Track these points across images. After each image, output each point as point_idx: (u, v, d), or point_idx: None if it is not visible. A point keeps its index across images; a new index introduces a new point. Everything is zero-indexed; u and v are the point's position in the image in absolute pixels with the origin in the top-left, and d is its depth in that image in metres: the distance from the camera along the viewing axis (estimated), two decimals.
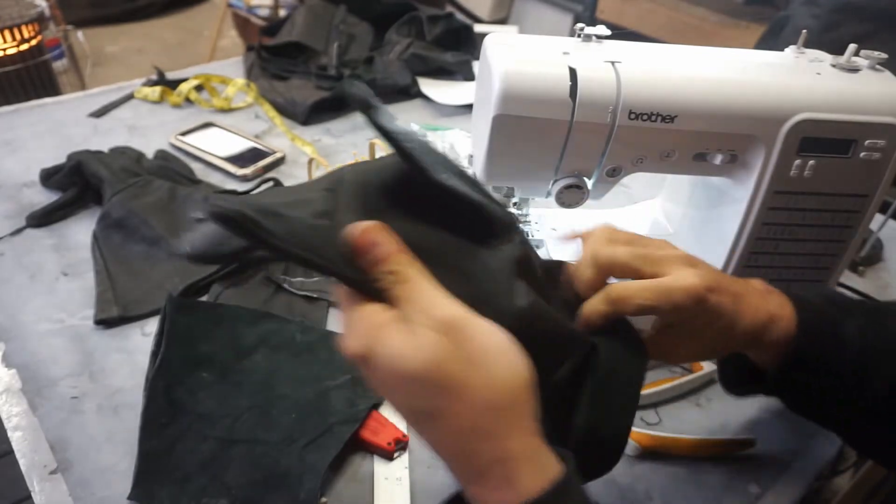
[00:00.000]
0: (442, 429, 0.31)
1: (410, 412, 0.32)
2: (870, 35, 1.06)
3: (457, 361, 0.30)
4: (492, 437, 0.30)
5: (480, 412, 0.30)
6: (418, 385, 0.30)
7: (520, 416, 0.31)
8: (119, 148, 0.89)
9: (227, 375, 0.57)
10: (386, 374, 0.31)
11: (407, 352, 0.30)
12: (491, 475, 0.30)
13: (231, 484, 0.50)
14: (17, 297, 0.67)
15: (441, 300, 0.31)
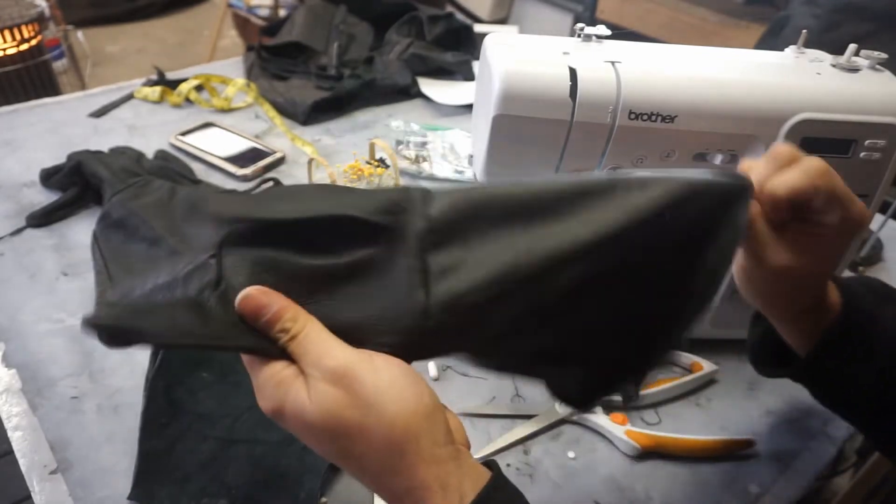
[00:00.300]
0: (354, 468, 0.33)
1: (327, 455, 0.34)
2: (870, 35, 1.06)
3: (350, 408, 0.31)
4: (398, 472, 0.32)
5: (382, 451, 0.32)
6: (322, 434, 0.32)
7: (420, 448, 0.32)
8: (119, 148, 0.88)
9: (227, 375, 0.57)
10: (296, 426, 0.33)
11: (306, 406, 0.32)
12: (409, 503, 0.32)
13: (231, 484, 0.50)
14: (17, 297, 0.67)
15: (331, 349, 0.33)
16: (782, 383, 0.65)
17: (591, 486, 0.53)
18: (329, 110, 1.06)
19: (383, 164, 0.79)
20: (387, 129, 1.02)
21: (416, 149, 0.95)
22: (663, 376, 0.63)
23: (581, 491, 0.53)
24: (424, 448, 0.32)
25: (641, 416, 0.60)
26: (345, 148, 0.98)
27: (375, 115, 1.08)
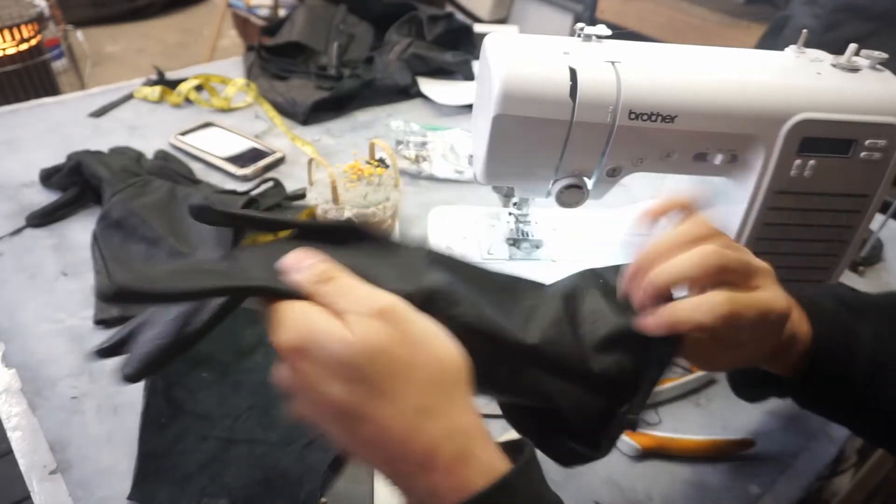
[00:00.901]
0: (384, 414, 0.30)
1: (347, 404, 0.30)
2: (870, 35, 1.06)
3: (400, 343, 0.30)
4: (441, 412, 0.30)
5: (427, 389, 0.30)
6: (359, 371, 0.29)
7: (465, 394, 0.31)
8: (119, 148, 0.88)
9: (227, 375, 0.57)
10: (327, 361, 0.30)
11: (347, 339, 0.30)
12: (441, 454, 0.29)
13: (231, 484, 0.50)
14: (16, 297, 0.67)
15: (372, 290, 0.32)
16: None
17: (591, 486, 0.53)
18: (329, 110, 1.06)
19: (383, 164, 0.79)
20: (387, 129, 1.02)
21: (416, 149, 0.95)
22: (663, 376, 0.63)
23: (581, 491, 0.53)
24: (468, 394, 0.31)
25: (641, 416, 0.60)
26: (345, 148, 0.98)
27: (375, 115, 1.08)
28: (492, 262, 0.64)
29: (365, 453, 0.31)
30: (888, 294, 0.47)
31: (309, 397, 0.31)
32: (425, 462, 0.29)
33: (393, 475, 0.31)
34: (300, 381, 0.31)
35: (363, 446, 0.30)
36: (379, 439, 0.30)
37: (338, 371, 0.30)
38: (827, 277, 0.62)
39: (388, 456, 0.30)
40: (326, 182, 0.75)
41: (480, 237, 0.67)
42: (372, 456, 0.31)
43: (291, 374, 0.32)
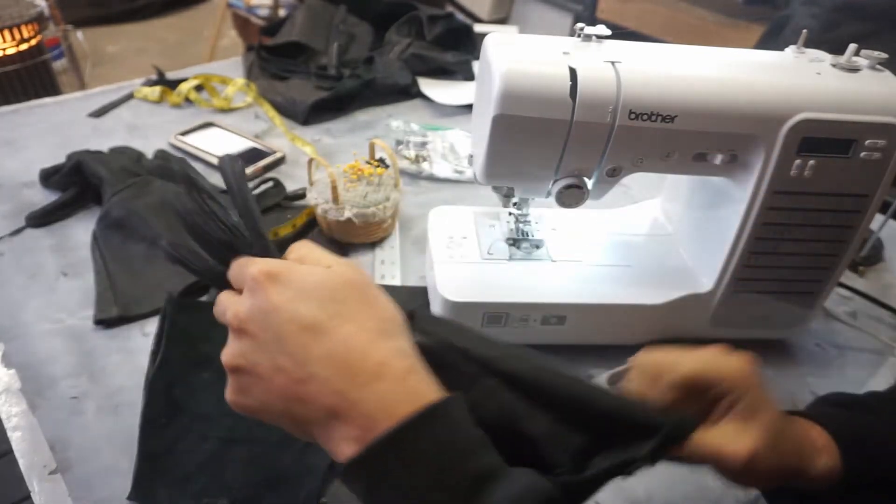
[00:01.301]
0: (347, 329, 0.32)
1: (315, 319, 0.32)
2: (870, 35, 1.06)
3: (368, 284, 0.35)
4: (394, 336, 0.34)
5: (384, 319, 0.34)
6: (337, 292, 0.33)
7: (411, 338, 0.35)
8: (119, 148, 0.88)
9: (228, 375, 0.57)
10: (301, 285, 0.33)
11: (328, 270, 0.34)
12: (394, 365, 0.32)
13: (231, 484, 0.50)
14: (16, 297, 0.67)
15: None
16: (781, 383, 0.65)
17: None
18: (329, 110, 1.06)
19: (383, 164, 0.79)
20: (387, 129, 1.02)
21: (416, 149, 0.95)
22: None
23: None
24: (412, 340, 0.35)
25: None
26: (345, 148, 0.98)
27: (375, 115, 1.08)
28: (492, 261, 0.64)
29: (319, 367, 0.32)
30: (875, 393, 0.48)
31: (264, 321, 0.33)
32: (379, 371, 0.32)
33: (344, 389, 0.31)
34: (258, 307, 0.33)
35: (319, 361, 0.32)
36: (338, 351, 0.32)
37: (311, 293, 0.33)
38: (827, 277, 0.62)
39: (344, 367, 0.32)
40: (326, 182, 0.75)
41: (480, 237, 0.67)
42: (325, 370, 0.32)
43: (249, 301, 0.33)
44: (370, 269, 0.75)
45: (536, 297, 0.61)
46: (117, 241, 0.73)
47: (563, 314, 0.61)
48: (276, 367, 0.32)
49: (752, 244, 0.59)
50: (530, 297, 0.61)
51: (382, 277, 0.73)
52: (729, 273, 0.61)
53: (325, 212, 0.75)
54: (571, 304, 0.61)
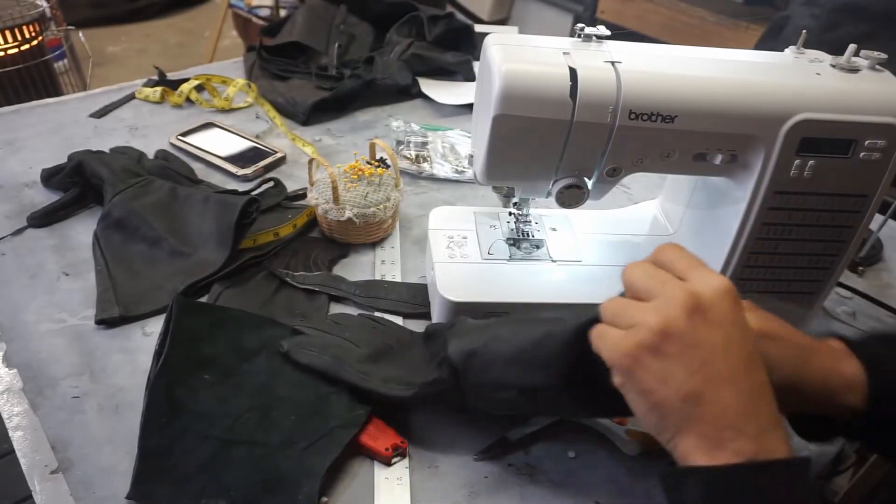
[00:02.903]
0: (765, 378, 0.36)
1: (754, 355, 0.36)
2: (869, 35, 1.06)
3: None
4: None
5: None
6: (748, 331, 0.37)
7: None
8: (120, 148, 0.89)
9: (229, 377, 0.57)
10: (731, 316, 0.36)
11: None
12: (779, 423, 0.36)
13: (230, 485, 0.50)
14: (18, 297, 0.67)
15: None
16: None
17: (591, 486, 0.54)
18: (329, 110, 1.06)
19: (384, 164, 0.79)
20: (387, 129, 1.02)
21: (417, 149, 0.95)
22: None
23: (581, 491, 0.53)
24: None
25: None
26: (345, 148, 0.98)
27: (376, 115, 1.08)
28: (492, 262, 0.64)
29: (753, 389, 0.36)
30: (873, 299, 0.48)
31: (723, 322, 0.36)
32: (780, 419, 0.36)
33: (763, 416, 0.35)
34: (725, 309, 0.36)
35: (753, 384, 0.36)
36: (766, 385, 0.36)
37: (749, 331, 0.37)
38: (827, 277, 0.62)
39: (768, 400, 0.36)
40: (327, 182, 0.75)
41: (480, 237, 0.67)
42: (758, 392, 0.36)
43: (716, 296, 0.36)
44: (370, 269, 0.75)
45: (536, 297, 0.61)
46: (118, 241, 0.73)
47: None
48: (709, 362, 0.35)
49: (752, 244, 0.59)
50: (530, 297, 0.61)
51: (383, 277, 0.73)
52: (729, 273, 0.61)
53: (325, 212, 0.75)
54: (571, 304, 0.61)
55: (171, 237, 0.72)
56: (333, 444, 0.52)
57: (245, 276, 0.71)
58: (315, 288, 0.70)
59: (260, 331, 0.61)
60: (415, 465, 0.54)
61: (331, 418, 0.54)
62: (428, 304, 0.67)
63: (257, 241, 0.74)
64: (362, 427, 0.54)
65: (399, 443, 0.54)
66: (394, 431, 0.55)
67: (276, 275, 0.71)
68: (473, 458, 0.55)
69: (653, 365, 0.36)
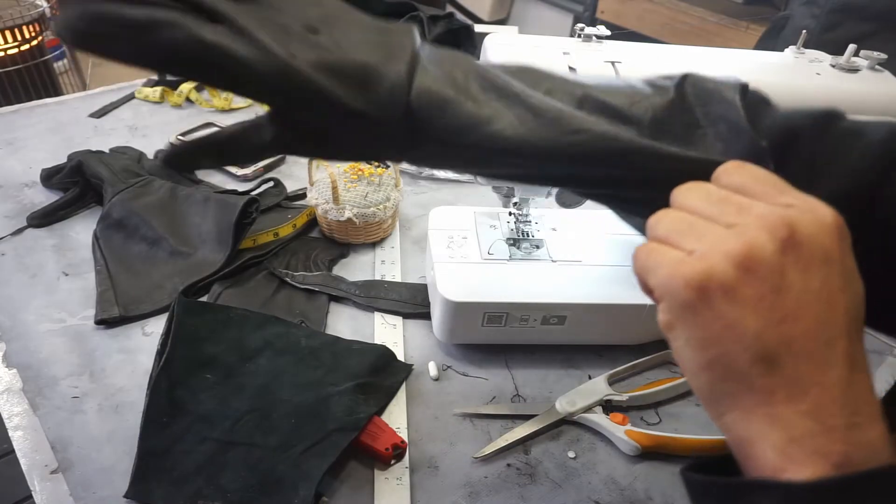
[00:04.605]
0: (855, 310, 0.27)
1: (859, 318, 0.27)
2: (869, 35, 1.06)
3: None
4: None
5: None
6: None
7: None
8: (120, 148, 0.89)
9: (231, 377, 0.57)
10: (844, 253, 0.27)
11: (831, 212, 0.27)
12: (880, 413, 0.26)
13: (227, 487, 0.49)
14: (18, 297, 0.67)
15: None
16: None
17: (591, 486, 0.54)
18: None
19: (383, 164, 0.79)
20: None
21: None
22: (663, 376, 0.63)
23: (581, 491, 0.53)
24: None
25: (641, 416, 0.60)
26: None
27: None
28: (492, 262, 0.64)
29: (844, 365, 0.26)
30: None
31: (827, 269, 0.26)
32: (879, 413, 0.26)
33: (853, 403, 0.26)
34: (835, 252, 0.26)
35: (846, 360, 0.26)
36: (864, 365, 0.27)
37: (861, 287, 0.27)
38: None
39: (864, 385, 0.26)
40: (327, 182, 0.75)
41: (480, 237, 0.67)
42: (849, 372, 0.26)
43: (825, 231, 0.26)
44: (370, 268, 0.75)
45: (536, 297, 0.61)
46: (118, 241, 0.73)
47: (563, 314, 0.61)
48: (798, 315, 0.26)
49: None
50: (530, 297, 0.61)
51: (383, 277, 0.73)
52: None
53: (325, 212, 0.75)
54: (571, 304, 0.61)
55: (171, 237, 0.73)
56: (332, 448, 0.52)
57: (245, 276, 0.71)
58: (315, 288, 0.70)
59: (262, 329, 0.62)
60: (415, 465, 0.54)
61: (330, 421, 0.54)
62: (428, 304, 0.67)
63: (257, 241, 0.74)
64: (361, 430, 0.54)
65: (399, 443, 0.54)
66: (394, 431, 0.55)
67: (276, 275, 0.71)
68: (473, 459, 0.55)
69: (722, 306, 0.26)
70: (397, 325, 0.67)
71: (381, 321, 0.67)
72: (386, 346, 0.63)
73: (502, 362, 0.64)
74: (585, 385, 0.61)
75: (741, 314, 0.26)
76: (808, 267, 0.26)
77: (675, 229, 0.28)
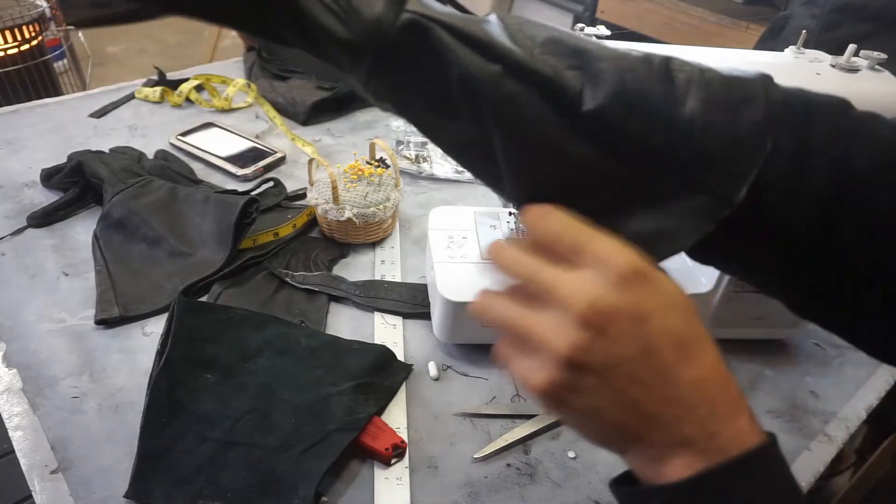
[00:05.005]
0: (712, 355, 0.30)
1: (684, 336, 0.30)
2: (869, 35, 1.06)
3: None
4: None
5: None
6: (692, 310, 0.30)
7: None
8: (120, 148, 0.89)
9: (231, 377, 0.57)
10: (671, 292, 0.30)
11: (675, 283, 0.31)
12: (744, 404, 0.30)
13: (227, 487, 0.49)
14: (18, 297, 0.67)
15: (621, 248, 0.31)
16: (780, 383, 0.65)
17: (591, 486, 0.54)
18: (329, 110, 1.06)
19: (384, 164, 0.79)
20: (387, 129, 1.02)
21: (417, 149, 0.95)
22: None
23: (581, 491, 0.53)
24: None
25: None
26: (345, 148, 0.98)
27: (376, 115, 1.08)
28: None
29: (688, 391, 0.29)
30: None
31: (633, 327, 0.29)
32: (739, 405, 0.30)
33: (706, 420, 0.29)
34: (629, 311, 0.29)
35: (689, 386, 0.29)
36: (708, 378, 0.30)
37: (679, 306, 0.30)
38: None
39: (711, 397, 0.30)
40: (327, 182, 0.75)
41: (480, 237, 0.67)
42: (694, 396, 0.30)
43: (615, 296, 0.29)
44: (370, 269, 0.75)
45: None
46: (118, 241, 0.73)
47: None
48: (634, 379, 0.29)
49: None
50: None
51: (383, 277, 0.73)
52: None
53: (325, 212, 0.75)
54: None
55: (171, 237, 0.73)
56: (332, 448, 0.52)
57: (245, 276, 0.71)
58: (315, 288, 0.70)
59: (263, 329, 0.62)
60: (415, 465, 0.54)
61: (329, 422, 0.54)
62: (428, 304, 0.67)
63: (257, 241, 0.74)
64: (361, 430, 0.54)
65: (399, 443, 0.54)
66: (394, 431, 0.55)
67: (276, 275, 0.71)
68: (473, 459, 0.55)
69: (576, 402, 0.30)
70: (397, 325, 0.67)
71: (381, 321, 0.67)
72: (386, 346, 0.63)
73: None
74: None
75: (592, 401, 0.30)
76: (623, 336, 0.29)
77: (504, 323, 0.32)
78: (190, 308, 0.61)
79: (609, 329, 0.29)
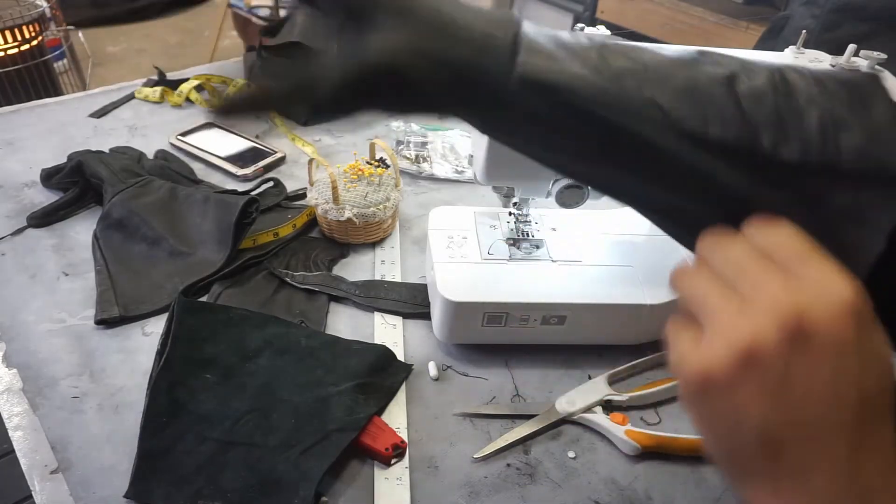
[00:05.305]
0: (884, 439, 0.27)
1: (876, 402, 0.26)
2: (869, 35, 1.06)
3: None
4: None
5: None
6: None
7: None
8: (120, 148, 0.89)
9: (231, 377, 0.57)
10: (885, 351, 0.27)
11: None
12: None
13: (226, 487, 0.49)
14: (17, 297, 0.67)
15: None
16: None
17: (591, 486, 0.54)
18: None
19: (383, 165, 0.79)
20: (387, 129, 1.02)
21: (417, 149, 0.95)
22: (663, 376, 0.63)
23: (581, 491, 0.53)
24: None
25: (641, 416, 0.60)
26: (345, 148, 0.98)
27: (375, 115, 1.08)
28: (492, 262, 0.64)
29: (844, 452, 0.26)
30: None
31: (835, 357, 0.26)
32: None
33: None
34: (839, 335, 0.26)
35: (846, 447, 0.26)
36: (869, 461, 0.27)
37: (884, 366, 0.27)
38: None
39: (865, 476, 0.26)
40: (327, 182, 0.75)
41: (480, 237, 0.67)
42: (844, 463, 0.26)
43: (831, 317, 0.26)
44: (370, 269, 0.75)
45: (536, 297, 0.61)
46: (118, 241, 0.73)
47: (563, 314, 0.61)
48: (798, 405, 0.26)
49: None
50: (530, 297, 0.61)
51: (383, 277, 0.73)
52: None
53: (325, 212, 0.75)
54: (571, 304, 0.61)
55: (170, 237, 0.73)
56: (332, 448, 0.52)
57: (245, 276, 0.71)
58: (315, 288, 0.70)
59: (262, 329, 0.62)
60: (415, 465, 0.54)
61: (329, 421, 0.54)
62: (428, 304, 0.67)
63: (257, 241, 0.74)
64: (361, 430, 0.54)
65: (399, 443, 0.54)
66: (394, 431, 0.55)
67: (276, 275, 0.71)
68: (473, 459, 0.55)
69: (721, 403, 0.27)
70: (397, 325, 0.67)
71: (381, 321, 0.67)
72: (386, 346, 0.63)
73: (502, 362, 0.64)
74: (585, 385, 0.61)
75: (740, 407, 0.27)
76: (816, 359, 0.26)
77: (691, 298, 0.29)
78: (190, 308, 0.61)
79: (804, 345, 0.26)
